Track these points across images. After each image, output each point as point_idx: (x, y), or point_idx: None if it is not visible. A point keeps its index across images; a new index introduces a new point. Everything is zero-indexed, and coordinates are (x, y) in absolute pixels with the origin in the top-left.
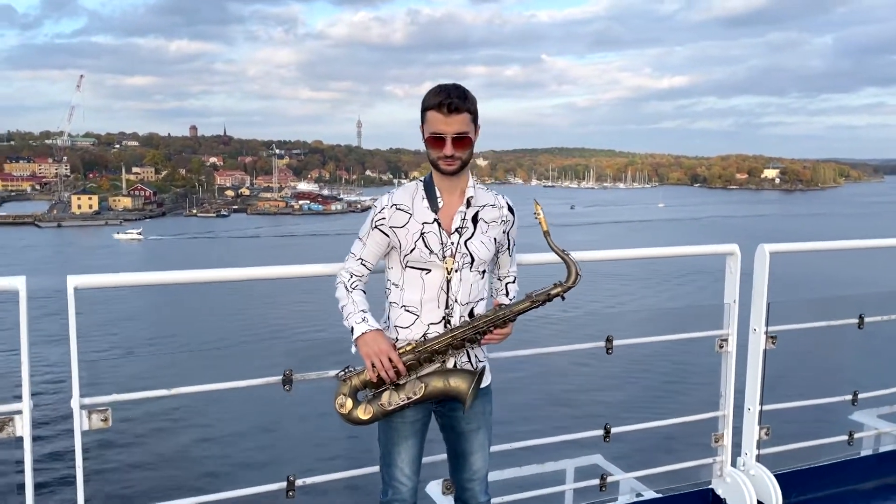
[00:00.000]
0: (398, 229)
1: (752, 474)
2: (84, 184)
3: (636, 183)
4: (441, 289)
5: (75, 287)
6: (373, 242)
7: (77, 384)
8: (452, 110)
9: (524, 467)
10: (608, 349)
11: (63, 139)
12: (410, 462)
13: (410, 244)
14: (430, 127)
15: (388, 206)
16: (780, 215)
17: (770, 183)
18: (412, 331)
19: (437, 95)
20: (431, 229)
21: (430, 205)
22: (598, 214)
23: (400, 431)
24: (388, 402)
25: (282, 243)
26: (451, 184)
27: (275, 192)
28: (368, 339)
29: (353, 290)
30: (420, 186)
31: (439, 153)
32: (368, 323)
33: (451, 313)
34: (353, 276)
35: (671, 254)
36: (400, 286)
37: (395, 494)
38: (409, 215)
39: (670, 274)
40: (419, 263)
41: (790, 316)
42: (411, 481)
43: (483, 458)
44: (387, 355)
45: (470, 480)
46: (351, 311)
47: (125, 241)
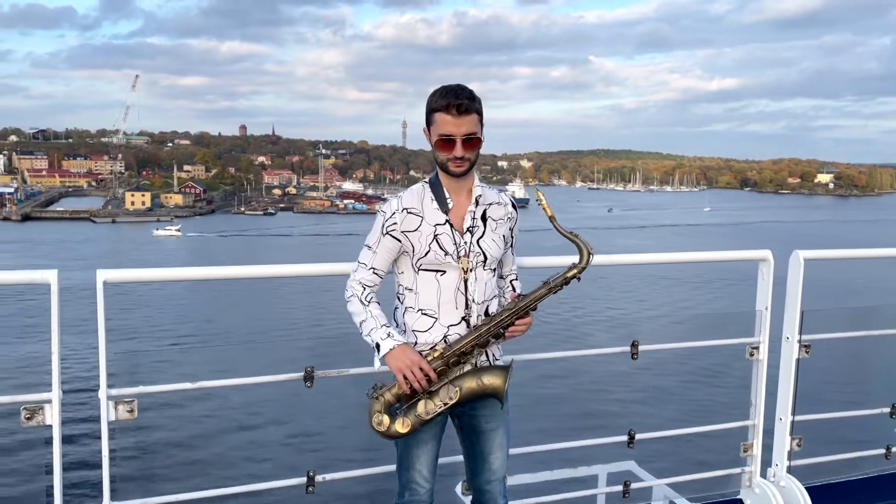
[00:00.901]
0: (410, 233)
1: (782, 486)
2: (137, 181)
3: (683, 186)
4: (458, 289)
5: (104, 281)
6: (384, 249)
7: (104, 375)
8: (462, 111)
9: (556, 471)
10: (633, 354)
11: (118, 137)
12: (428, 465)
13: (425, 247)
14: (438, 129)
15: (398, 211)
16: (834, 221)
17: (824, 188)
18: (431, 334)
19: (445, 97)
20: (444, 230)
21: (440, 206)
22: (638, 218)
23: (418, 434)
24: (424, 412)
25: (317, 241)
26: (458, 184)
27: (320, 192)
28: (397, 354)
29: (370, 304)
30: (427, 188)
31: (449, 155)
32: (394, 338)
33: (469, 313)
34: (365, 288)
35: (701, 259)
36: (414, 290)
37: (412, 496)
38: (421, 218)
39: (706, 279)
40: (433, 266)
41: (825, 324)
42: (429, 483)
43: (502, 458)
44: (418, 366)
45: (489, 482)
46: (373, 326)
47: (164, 238)
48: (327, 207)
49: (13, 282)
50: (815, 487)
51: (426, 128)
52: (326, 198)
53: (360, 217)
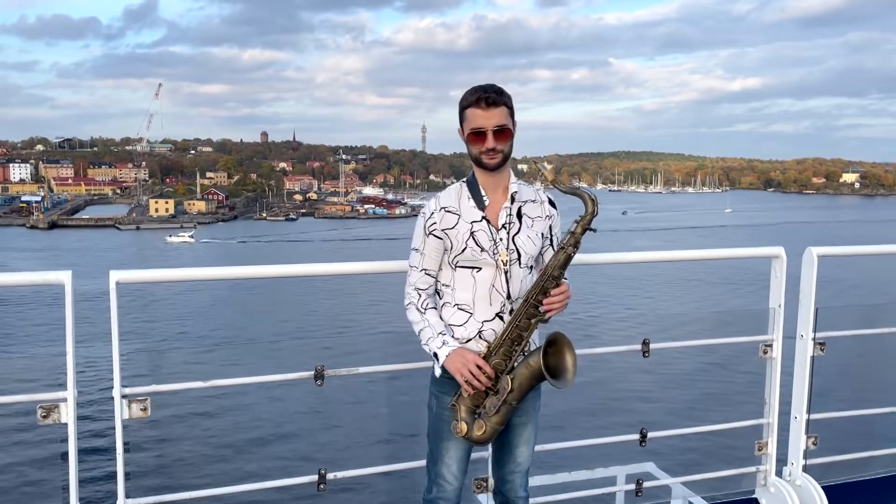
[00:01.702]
0: (449, 230)
1: (797, 485)
2: (161, 188)
3: (706, 187)
4: (492, 286)
5: (117, 282)
6: (430, 249)
7: (118, 374)
8: (490, 104)
9: (574, 472)
10: (644, 352)
11: (142, 145)
12: (459, 460)
13: (462, 244)
14: (470, 124)
15: (437, 211)
16: (860, 221)
17: (849, 188)
18: (466, 329)
19: (474, 93)
20: (481, 227)
21: (477, 203)
22: (655, 220)
23: (447, 426)
24: (492, 408)
25: (337, 246)
26: (494, 181)
27: (341, 197)
28: (453, 358)
29: (426, 311)
30: (464, 187)
31: (481, 147)
32: (449, 344)
33: (504, 310)
34: (420, 294)
35: (714, 256)
36: (451, 286)
37: (440, 493)
38: (458, 216)
39: (720, 278)
40: (470, 262)
41: (840, 322)
42: (458, 480)
43: (527, 452)
44: (474, 363)
45: (512, 473)
46: (430, 335)
47: (177, 244)
48: (348, 212)
49: (29, 283)
50: (832, 486)
51: (460, 128)
52: (347, 203)
53: (380, 222)
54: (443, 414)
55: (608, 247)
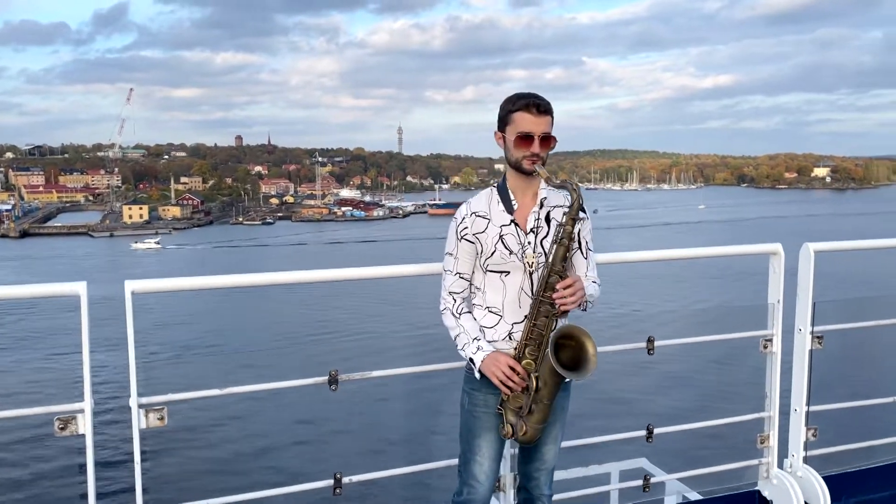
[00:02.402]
0: (480, 234)
1: (799, 476)
2: (135, 194)
3: (681, 184)
4: (521, 289)
5: (132, 291)
6: (463, 253)
7: (135, 384)
8: (542, 111)
9: (569, 469)
10: (650, 350)
11: (114, 151)
12: (491, 458)
13: (491, 247)
14: (518, 127)
15: (468, 215)
16: (832, 215)
17: (821, 182)
18: (497, 331)
19: (525, 98)
20: (510, 231)
21: (506, 207)
22: (629, 217)
23: (482, 421)
24: (526, 408)
25: (313, 250)
26: (524, 185)
27: (318, 200)
28: (488, 362)
29: (461, 316)
30: (494, 192)
31: (525, 152)
32: (484, 349)
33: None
34: (456, 299)
35: (714, 254)
36: (482, 289)
37: (471, 494)
38: (488, 220)
39: (709, 275)
40: (499, 266)
41: (837, 316)
42: (489, 480)
43: (554, 451)
44: (507, 365)
45: (538, 470)
46: (466, 341)
47: (143, 251)
48: (325, 215)
49: (44, 294)
50: (832, 477)
51: (498, 131)
52: (324, 205)
53: (358, 224)
54: (475, 410)
55: (594, 245)
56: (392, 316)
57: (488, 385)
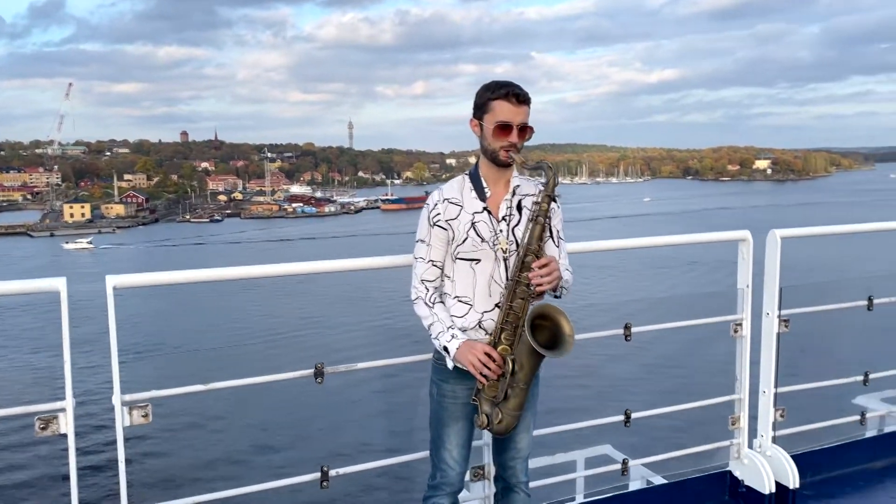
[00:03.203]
0: (452, 221)
1: (768, 455)
2: (76, 192)
3: (628, 177)
4: (492, 277)
5: (114, 287)
6: (436, 240)
7: (118, 381)
8: (522, 101)
9: (536, 458)
10: (627, 336)
11: (53, 148)
12: (459, 446)
13: (463, 234)
14: (497, 116)
15: (440, 202)
16: (774, 205)
17: (762, 174)
18: (466, 319)
19: (505, 87)
20: (482, 218)
21: (478, 194)
22: (580, 212)
23: (451, 412)
24: (501, 394)
25: (243, 249)
26: (497, 174)
27: (268, 196)
28: (463, 350)
29: (435, 305)
30: (466, 179)
31: (503, 142)
32: (458, 337)
33: (503, 301)
34: (428, 288)
35: (684, 241)
36: (451, 277)
37: (443, 478)
38: (460, 207)
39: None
40: (469, 254)
41: (802, 300)
42: (459, 466)
43: (528, 439)
44: (482, 352)
45: (513, 459)
46: (440, 329)
47: (75, 251)
48: (275, 212)
49: (22, 291)
50: (799, 455)
51: (475, 119)
52: (274, 202)
53: (310, 220)
54: (443, 401)
55: None
56: (373, 307)
57: (457, 376)
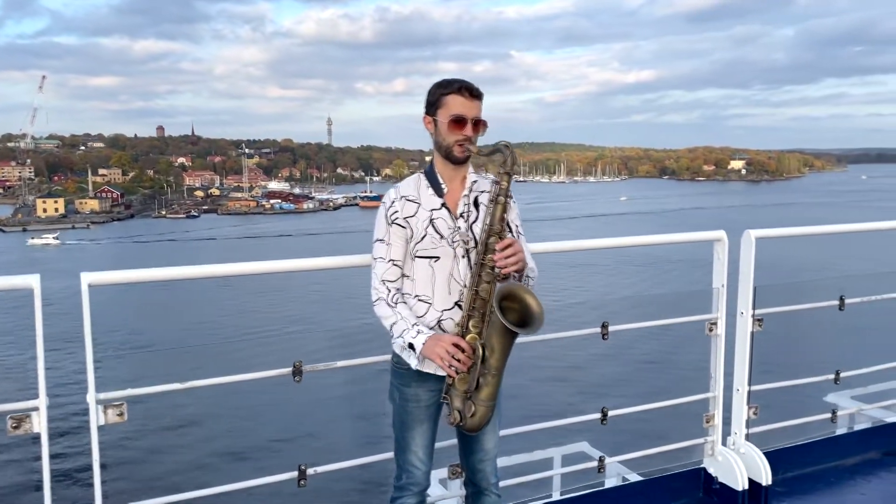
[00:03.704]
0: (410, 218)
1: (742, 452)
2: (49, 187)
3: (606, 176)
4: (451, 275)
5: (89, 284)
6: (396, 238)
7: (92, 380)
8: (474, 95)
9: (512, 456)
10: (604, 335)
11: (26, 142)
12: (424, 447)
13: (421, 231)
14: (450, 110)
15: (397, 199)
16: (749, 206)
17: (737, 174)
18: (426, 319)
19: (457, 82)
20: (440, 215)
21: (435, 191)
22: (557, 210)
23: (414, 415)
24: (473, 383)
25: (236, 245)
26: (453, 171)
27: (245, 192)
28: (430, 345)
29: (397, 305)
30: (422, 177)
31: (458, 136)
32: (424, 333)
33: (462, 299)
34: (390, 289)
35: (660, 241)
36: (411, 277)
37: (409, 478)
38: (418, 205)
39: (639, 263)
40: (428, 251)
41: (775, 299)
42: (425, 465)
43: (494, 439)
44: (450, 343)
45: (482, 461)
46: (404, 327)
47: (40, 247)
48: (253, 208)
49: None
50: (772, 452)
51: (428, 115)
52: (252, 198)
53: (288, 217)
54: (406, 405)
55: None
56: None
57: (419, 379)
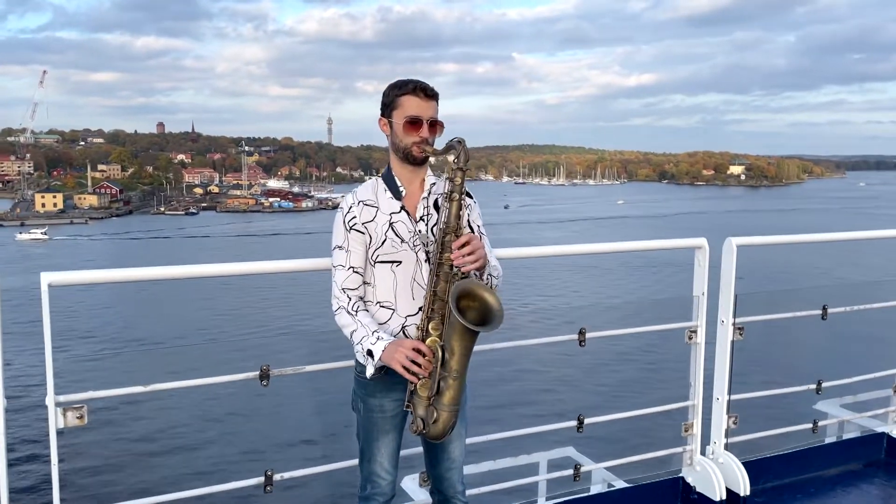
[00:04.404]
0: (369, 224)
1: (720, 462)
2: (48, 182)
3: (605, 179)
4: (413, 279)
5: (49, 284)
6: (355, 244)
7: (52, 382)
8: (429, 95)
9: (498, 461)
10: (581, 341)
11: (26, 136)
12: (390, 456)
13: (381, 236)
14: (405, 111)
15: (355, 204)
16: (747, 211)
17: (736, 179)
18: (389, 325)
19: (412, 83)
20: (399, 218)
21: (394, 194)
22: (546, 213)
23: (379, 426)
24: (434, 388)
25: (235, 243)
26: (411, 174)
27: (244, 190)
28: (390, 350)
29: (358, 313)
30: (379, 181)
31: (414, 137)
32: (384, 339)
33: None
34: (350, 297)
35: (642, 247)
36: (372, 283)
37: (374, 489)
38: (376, 209)
39: (636, 267)
40: (389, 256)
41: (757, 307)
42: (390, 475)
43: (460, 447)
44: (410, 348)
45: (448, 470)
46: (364, 334)
47: (28, 242)
48: (252, 206)
49: None
50: (751, 462)
51: (384, 118)
52: (251, 196)
53: (286, 215)
54: (371, 416)
55: (523, 240)
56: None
57: (383, 388)
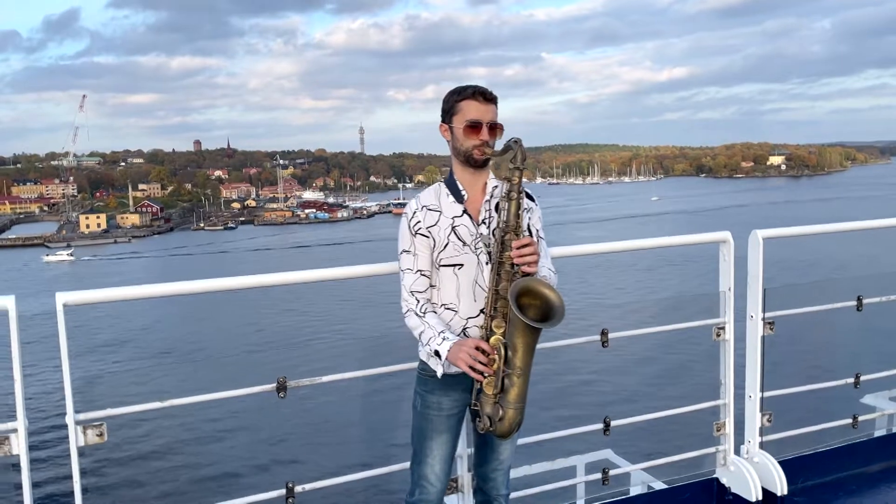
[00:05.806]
0: (432, 228)
1: (755, 462)
2: (91, 203)
3: (641, 176)
4: (475, 282)
5: (64, 304)
6: (421, 248)
7: (70, 400)
8: (488, 99)
9: (535, 465)
10: (604, 342)
11: (69, 160)
12: (442, 460)
13: (444, 240)
14: (466, 115)
15: (419, 210)
16: (789, 202)
17: (776, 170)
18: (452, 327)
19: (471, 87)
20: (462, 222)
21: (456, 198)
22: (573, 212)
23: (435, 424)
24: (499, 385)
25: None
26: (472, 178)
27: (280, 203)
28: (454, 350)
29: (426, 315)
30: (442, 185)
31: (475, 140)
32: (449, 339)
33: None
34: (419, 300)
35: (664, 244)
36: (437, 286)
37: (423, 494)
38: (439, 213)
39: (662, 264)
40: (452, 259)
41: (788, 301)
42: (440, 482)
43: (510, 449)
44: (473, 347)
45: (495, 471)
46: (431, 335)
47: (55, 263)
48: (289, 218)
49: None
50: (788, 461)
51: (444, 123)
52: (287, 208)
53: (322, 226)
54: (427, 413)
55: (557, 239)
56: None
57: (443, 387)
